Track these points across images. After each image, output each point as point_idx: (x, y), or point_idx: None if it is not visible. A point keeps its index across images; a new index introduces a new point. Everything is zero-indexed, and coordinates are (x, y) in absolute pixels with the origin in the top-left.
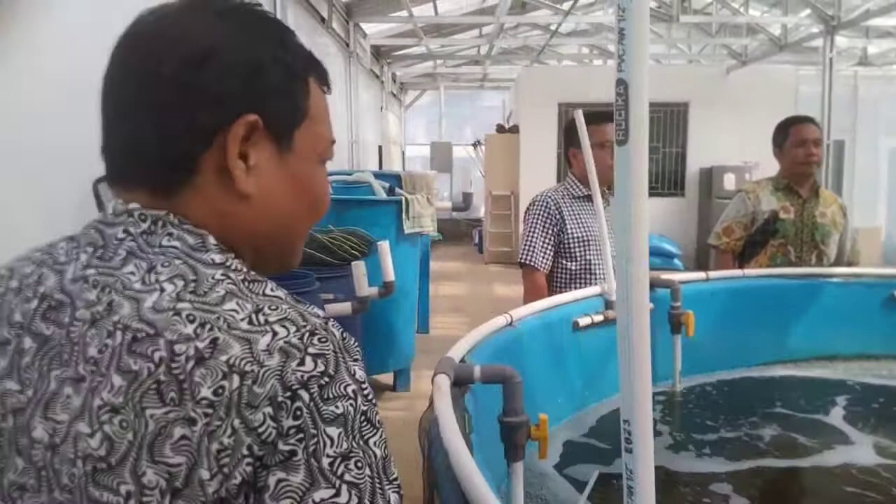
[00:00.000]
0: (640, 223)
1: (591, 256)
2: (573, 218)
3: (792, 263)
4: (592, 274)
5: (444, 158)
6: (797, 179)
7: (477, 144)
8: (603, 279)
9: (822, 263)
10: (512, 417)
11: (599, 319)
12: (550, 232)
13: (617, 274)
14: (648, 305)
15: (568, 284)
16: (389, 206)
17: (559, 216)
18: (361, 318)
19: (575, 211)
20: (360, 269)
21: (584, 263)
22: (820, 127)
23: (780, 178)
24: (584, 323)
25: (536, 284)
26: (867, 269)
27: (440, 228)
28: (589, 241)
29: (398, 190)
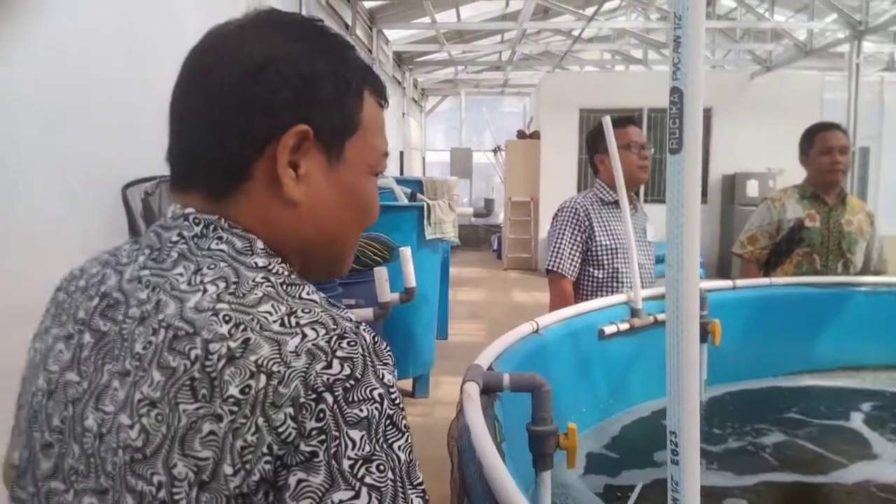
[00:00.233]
0: (692, 232)
1: (618, 265)
2: (602, 225)
3: (818, 272)
4: (619, 282)
5: (463, 164)
6: (823, 187)
7: (497, 150)
8: (629, 287)
9: (848, 272)
10: (541, 426)
11: (625, 328)
12: (579, 239)
13: (667, 284)
14: (699, 316)
15: (595, 292)
16: (411, 211)
17: (588, 223)
18: (382, 323)
19: (604, 218)
20: (382, 275)
21: (611, 272)
22: (847, 134)
23: (806, 185)
24: (609, 331)
25: (564, 292)
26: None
27: (458, 234)
28: (617, 249)
29: (420, 196)
